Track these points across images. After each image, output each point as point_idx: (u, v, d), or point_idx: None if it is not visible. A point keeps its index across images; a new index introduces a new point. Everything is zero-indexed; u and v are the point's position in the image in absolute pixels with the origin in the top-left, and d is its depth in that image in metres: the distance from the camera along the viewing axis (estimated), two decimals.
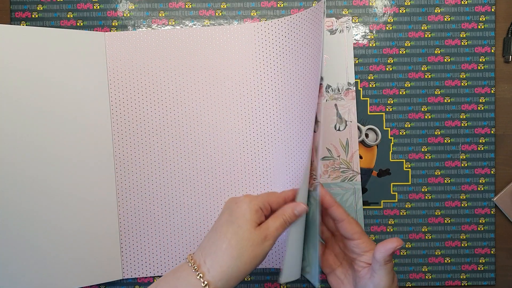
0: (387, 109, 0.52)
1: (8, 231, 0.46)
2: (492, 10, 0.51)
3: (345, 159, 0.51)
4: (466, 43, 0.52)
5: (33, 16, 0.52)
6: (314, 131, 0.43)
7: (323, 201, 0.43)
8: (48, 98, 0.48)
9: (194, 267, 0.38)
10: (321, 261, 0.46)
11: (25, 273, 0.47)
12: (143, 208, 0.50)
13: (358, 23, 0.52)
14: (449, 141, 0.52)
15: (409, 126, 0.52)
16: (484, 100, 0.52)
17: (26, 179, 0.47)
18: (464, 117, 0.52)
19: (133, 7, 0.52)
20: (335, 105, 0.50)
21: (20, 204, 0.47)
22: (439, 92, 0.52)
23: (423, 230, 0.52)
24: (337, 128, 0.50)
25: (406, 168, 0.52)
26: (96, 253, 0.49)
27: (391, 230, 0.52)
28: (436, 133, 0.52)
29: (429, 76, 0.52)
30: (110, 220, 0.50)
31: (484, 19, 0.52)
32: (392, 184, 0.52)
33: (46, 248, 0.47)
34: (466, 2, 0.52)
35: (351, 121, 0.50)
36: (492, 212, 0.52)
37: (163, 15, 0.52)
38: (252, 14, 0.52)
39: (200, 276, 0.37)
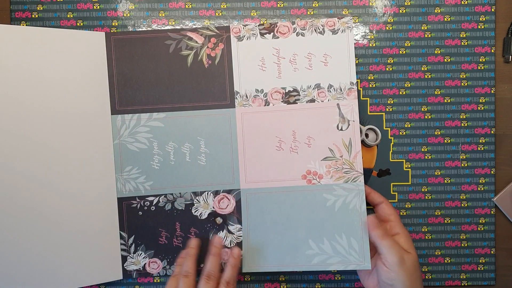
0: (387, 109, 0.52)
1: (7, 231, 0.46)
2: (492, 10, 0.51)
3: (348, 159, 0.50)
4: (466, 43, 0.52)
5: (33, 16, 0.52)
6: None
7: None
8: (47, 97, 0.48)
9: None
10: None
11: (24, 273, 0.47)
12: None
13: (358, 23, 0.52)
14: (449, 141, 0.52)
15: (409, 126, 0.52)
16: (484, 100, 0.52)
17: (26, 178, 0.47)
18: (464, 117, 0.52)
19: (133, 7, 0.52)
20: (338, 104, 0.50)
21: (19, 204, 0.47)
22: (439, 92, 0.52)
23: (423, 230, 0.52)
24: (339, 128, 0.50)
25: (406, 168, 0.52)
26: (96, 253, 0.49)
27: None
28: (436, 133, 0.52)
29: (429, 76, 0.52)
30: (110, 219, 0.50)
31: (484, 19, 0.52)
32: (392, 184, 0.52)
33: (46, 248, 0.47)
34: (466, 2, 0.52)
35: (353, 121, 0.50)
36: (492, 212, 0.52)
37: (163, 15, 0.52)
38: (252, 14, 0.52)
39: None
